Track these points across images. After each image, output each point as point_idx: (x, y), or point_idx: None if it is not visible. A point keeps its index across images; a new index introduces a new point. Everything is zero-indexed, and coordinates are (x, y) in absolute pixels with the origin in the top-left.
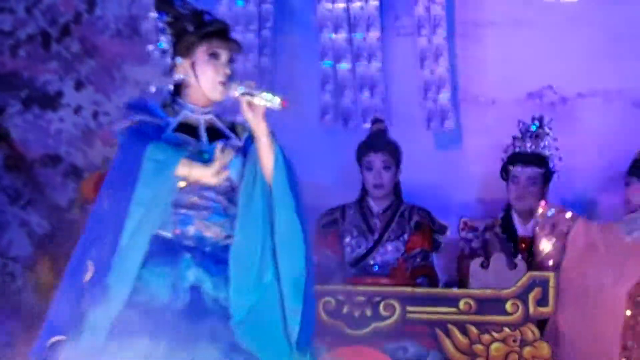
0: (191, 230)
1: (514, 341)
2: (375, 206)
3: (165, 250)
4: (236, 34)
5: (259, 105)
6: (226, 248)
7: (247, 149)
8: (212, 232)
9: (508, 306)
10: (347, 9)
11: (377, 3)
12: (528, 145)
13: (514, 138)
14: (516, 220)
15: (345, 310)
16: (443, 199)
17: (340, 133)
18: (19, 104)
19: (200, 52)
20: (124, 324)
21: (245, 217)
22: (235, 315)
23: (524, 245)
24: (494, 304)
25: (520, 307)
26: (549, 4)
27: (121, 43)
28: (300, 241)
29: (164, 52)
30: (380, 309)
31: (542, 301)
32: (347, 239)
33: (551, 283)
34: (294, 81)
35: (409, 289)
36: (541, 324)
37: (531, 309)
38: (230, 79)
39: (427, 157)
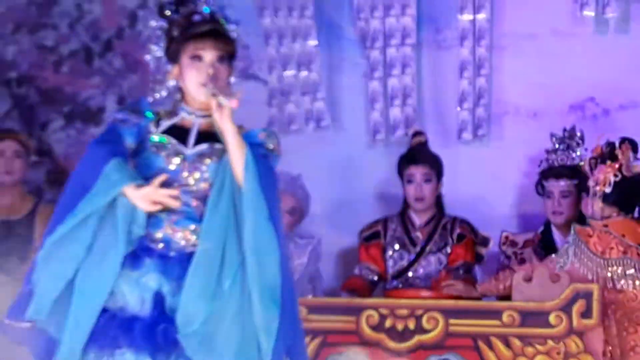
0: (159, 233)
1: (558, 354)
2: (417, 219)
3: (134, 254)
4: (282, 48)
5: (225, 106)
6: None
7: None
8: (181, 236)
9: (552, 318)
10: (383, 22)
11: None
12: (560, 157)
13: (547, 152)
14: (556, 234)
15: (387, 323)
16: (484, 212)
17: (383, 146)
18: (62, 119)
19: (184, 56)
20: (101, 332)
21: (210, 221)
22: (185, 327)
23: None
24: (537, 317)
25: (564, 320)
26: (589, 15)
27: None
28: (274, 247)
29: (159, 59)
30: (423, 322)
31: (586, 313)
32: (389, 252)
33: (595, 296)
34: (337, 95)
35: (452, 302)
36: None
37: (575, 322)
38: (214, 78)
39: (467, 170)
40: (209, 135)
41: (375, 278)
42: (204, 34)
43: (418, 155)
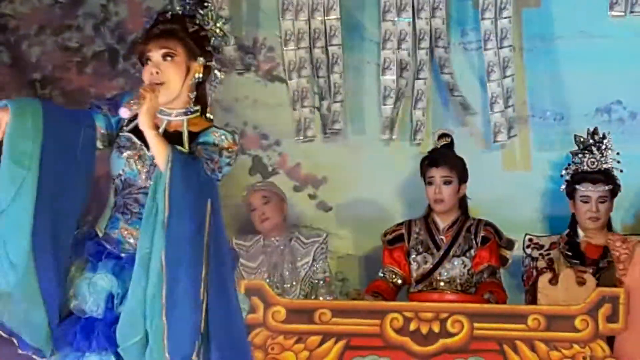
0: (115, 234)
1: (584, 358)
2: (441, 222)
3: (91, 254)
4: (300, 51)
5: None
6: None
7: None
8: (135, 238)
9: (577, 322)
10: (412, 24)
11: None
12: (588, 160)
13: (573, 154)
14: (582, 236)
15: (412, 326)
16: (509, 215)
17: (407, 148)
18: None
19: (143, 60)
20: (70, 335)
21: (144, 224)
22: (124, 340)
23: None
24: (563, 321)
25: (590, 324)
26: (617, 17)
27: None
28: (158, 256)
29: None
30: (447, 325)
31: (612, 317)
32: (413, 255)
33: (621, 299)
34: (359, 97)
35: (476, 305)
36: (609, 340)
37: (601, 326)
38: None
39: (493, 173)
40: (174, 136)
41: (400, 281)
42: (154, 36)
43: (439, 157)
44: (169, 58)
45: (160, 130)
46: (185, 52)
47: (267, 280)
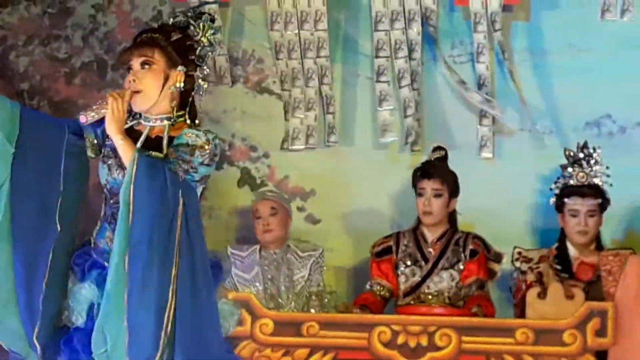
0: (102, 243)
1: None
2: (430, 234)
3: (77, 264)
4: (292, 62)
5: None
6: None
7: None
8: None
9: (566, 337)
10: (405, 33)
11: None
12: (577, 173)
13: (562, 167)
14: (571, 249)
15: (400, 339)
16: (498, 228)
17: (397, 159)
18: None
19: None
20: (56, 344)
21: (117, 229)
22: (98, 347)
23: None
24: (551, 335)
25: (579, 338)
26: (607, 31)
27: None
28: (120, 260)
29: None
30: (435, 339)
31: (600, 332)
32: (401, 268)
33: (610, 314)
34: (348, 108)
35: (465, 319)
36: (601, 355)
37: (589, 340)
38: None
39: (482, 185)
40: (156, 142)
41: (387, 294)
42: (136, 44)
43: (431, 169)
44: (146, 66)
45: (143, 136)
46: (164, 61)
47: (262, 293)
